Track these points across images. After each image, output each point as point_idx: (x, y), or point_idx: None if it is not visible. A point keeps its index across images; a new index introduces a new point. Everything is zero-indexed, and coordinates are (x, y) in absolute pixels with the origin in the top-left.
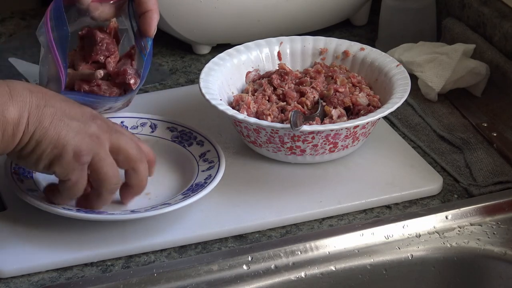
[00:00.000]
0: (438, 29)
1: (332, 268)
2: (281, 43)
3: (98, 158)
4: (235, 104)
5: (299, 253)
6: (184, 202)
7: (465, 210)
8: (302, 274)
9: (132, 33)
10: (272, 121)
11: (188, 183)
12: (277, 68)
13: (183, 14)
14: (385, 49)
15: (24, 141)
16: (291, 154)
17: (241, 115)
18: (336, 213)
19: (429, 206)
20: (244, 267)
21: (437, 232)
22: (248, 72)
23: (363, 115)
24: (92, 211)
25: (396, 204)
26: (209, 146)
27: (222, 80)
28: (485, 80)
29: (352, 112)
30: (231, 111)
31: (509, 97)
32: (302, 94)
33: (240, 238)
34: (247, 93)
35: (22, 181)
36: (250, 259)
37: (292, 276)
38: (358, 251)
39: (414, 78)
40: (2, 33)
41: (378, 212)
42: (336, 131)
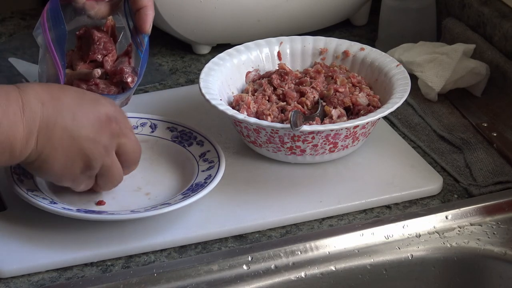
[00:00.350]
0: (438, 29)
1: (332, 268)
2: (281, 43)
3: (106, 167)
4: (235, 104)
5: (299, 253)
6: (184, 202)
7: (465, 210)
8: (302, 274)
9: (129, 30)
10: (272, 121)
11: (188, 183)
12: (277, 68)
13: (183, 14)
14: (385, 49)
15: (31, 158)
16: (291, 154)
17: (241, 115)
18: (336, 213)
19: (429, 206)
20: (244, 267)
21: (437, 232)
22: (248, 72)
23: (363, 115)
24: (92, 211)
25: (396, 204)
26: (209, 146)
27: (222, 80)
28: (485, 80)
29: (352, 112)
30: (231, 111)
31: (509, 97)
32: (302, 94)
33: (240, 238)
34: (247, 93)
35: (22, 181)
36: (250, 259)
37: (292, 276)
38: (358, 251)
39: (414, 78)
40: (2, 33)
41: (378, 212)
42: (336, 131)
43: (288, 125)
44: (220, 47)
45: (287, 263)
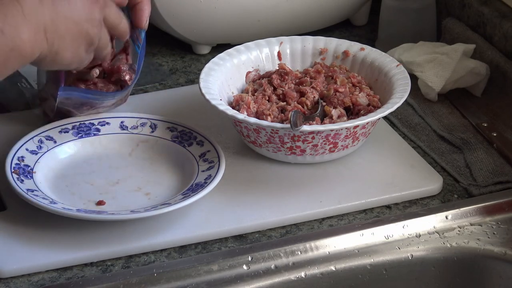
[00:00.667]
0: (438, 29)
1: (332, 268)
2: (281, 43)
3: (102, 38)
4: (235, 104)
5: (299, 253)
6: (184, 202)
7: (465, 210)
8: (302, 274)
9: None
10: (272, 121)
11: (188, 183)
12: (277, 68)
13: (183, 14)
14: (385, 49)
15: (43, 54)
16: (291, 154)
17: (241, 115)
18: (336, 213)
19: (429, 206)
20: (244, 267)
21: (437, 232)
22: (248, 72)
23: (363, 115)
24: (92, 211)
25: (396, 204)
26: (209, 146)
27: (222, 80)
28: (485, 80)
29: (352, 112)
30: (231, 111)
31: (509, 97)
32: (302, 94)
33: (240, 238)
34: (247, 93)
35: (22, 181)
36: (250, 259)
37: (292, 276)
38: (358, 251)
39: (414, 78)
40: None
41: (378, 212)
42: (336, 131)
43: (288, 125)
44: (220, 47)
45: (287, 263)
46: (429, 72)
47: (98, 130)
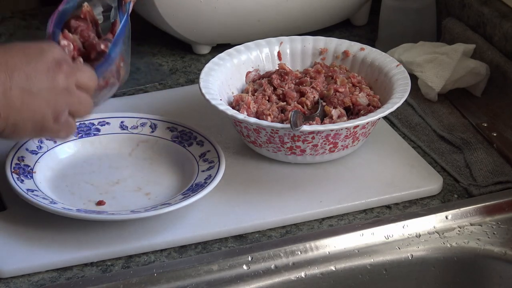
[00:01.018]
0: (438, 29)
1: (332, 268)
2: (281, 43)
3: (74, 105)
4: (235, 104)
5: (299, 253)
6: (184, 202)
7: (465, 210)
8: (302, 274)
9: (117, 9)
10: (272, 121)
11: (188, 183)
12: (277, 68)
13: (183, 14)
14: (385, 49)
15: (1, 127)
16: (291, 154)
17: (241, 115)
18: (336, 213)
19: (429, 206)
20: (244, 267)
21: (437, 232)
22: (248, 72)
23: (363, 115)
24: (92, 211)
25: (396, 204)
26: (209, 146)
27: (222, 80)
28: (485, 80)
29: (352, 112)
30: (231, 111)
31: (509, 97)
32: (302, 94)
33: (240, 238)
34: (247, 93)
35: (22, 181)
36: (250, 259)
37: (292, 276)
38: (358, 251)
39: (414, 78)
40: (2, 33)
41: (378, 212)
42: (336, 131)
43: (288, 125)
44: (220, 47)
45: (287, 263)
46: (429, 72)
47: (98, 130)
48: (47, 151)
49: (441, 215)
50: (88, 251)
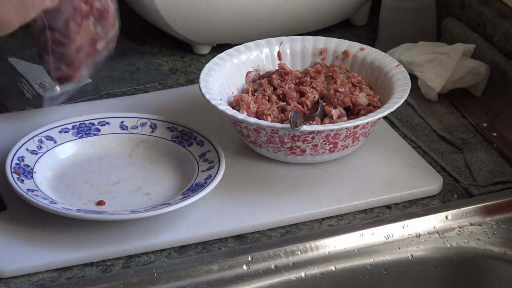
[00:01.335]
0: (438, 29)
1: (332, 268)
2: (281, 43)
3: None
4: (235, 104)
5: (299, 253)
6: (184, 202)
7: (465, 210)
8: (302, 274)
9: None
10: (272, 121)
11: (188, 183)
12: (277, 68)
13: (183, 14)
14: (385, 49)
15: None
16: (291, 154)
17: (241, 115)
18: (336, 213)
19: (429, 206)
20: (244, 267)
21: (437, 232)
22: (248, 72)
23: (363, 115)
24: (92, 211)
25: (396, 204)
26: (209, 146)
27: (222, 80)
28: (485, 80)
29: (352, 112)
30: (231, 111)
31: (509, 97)
32: (302, 94)
33: (240, 238)
34: (247, 93)
35: (22, 181)
36: (250, 259)
37: (292, 276)
38: (358, 251)
39: (414, 78)
40: None
41: (378, 212)
42: (336, 131)
43: (288, 125)
44: (220, 47)
45: (287, 263)
46: (429, 72)
47: (98, 130)
48: (47, 151)
49: (441, 215)
50: (88, 251)
